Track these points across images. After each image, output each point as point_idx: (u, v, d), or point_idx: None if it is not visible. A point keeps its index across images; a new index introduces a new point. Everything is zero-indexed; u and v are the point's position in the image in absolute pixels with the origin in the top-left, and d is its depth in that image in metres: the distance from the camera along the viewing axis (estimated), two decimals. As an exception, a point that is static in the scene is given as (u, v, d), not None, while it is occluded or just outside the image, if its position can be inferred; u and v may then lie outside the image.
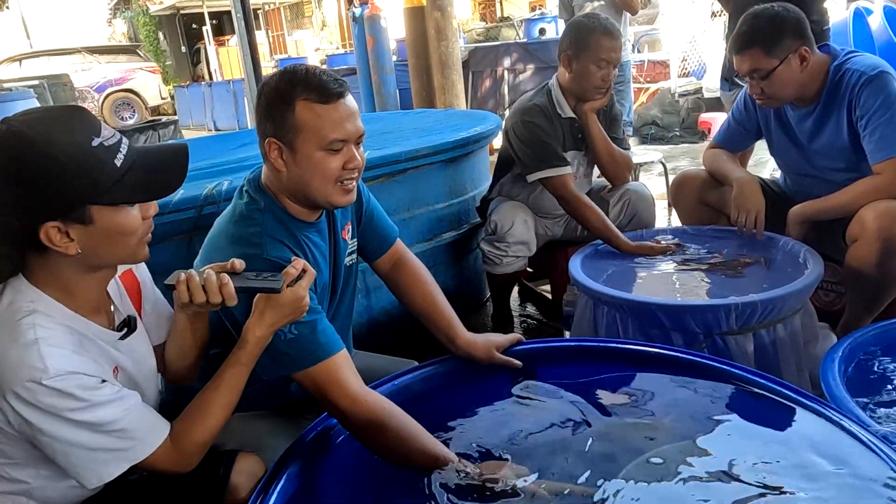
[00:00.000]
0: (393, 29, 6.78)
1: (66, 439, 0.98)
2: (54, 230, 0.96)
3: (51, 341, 0.97)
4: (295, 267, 1.13)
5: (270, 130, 1.22)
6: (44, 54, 13.62)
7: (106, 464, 1.02)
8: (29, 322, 0.97)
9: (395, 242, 1.56)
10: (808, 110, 1.98)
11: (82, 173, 0.94)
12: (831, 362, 1.43)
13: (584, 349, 1.53)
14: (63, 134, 0.95)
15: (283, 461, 1.17)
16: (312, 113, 1.19)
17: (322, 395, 1.18)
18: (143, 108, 13.59)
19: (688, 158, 5.71)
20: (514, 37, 10.66)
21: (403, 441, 1.16)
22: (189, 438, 1.08)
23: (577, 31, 2.26)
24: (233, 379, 1.12)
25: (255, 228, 1.24)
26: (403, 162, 2.36)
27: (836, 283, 2.10)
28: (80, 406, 0.97)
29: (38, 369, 0.94)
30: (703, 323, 1.63)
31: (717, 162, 2.22)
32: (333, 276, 1.41)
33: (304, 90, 1.19)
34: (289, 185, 1.26)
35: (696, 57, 7.38)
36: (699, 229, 2.20)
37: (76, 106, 1.05)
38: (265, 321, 1.12)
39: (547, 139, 2.25)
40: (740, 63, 1.94)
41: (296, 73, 1.22)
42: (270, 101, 1.22)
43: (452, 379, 1.48)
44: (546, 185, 2.26)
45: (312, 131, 1.19)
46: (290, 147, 1.21)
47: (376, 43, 6.33)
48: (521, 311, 2.91)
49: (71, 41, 15.48)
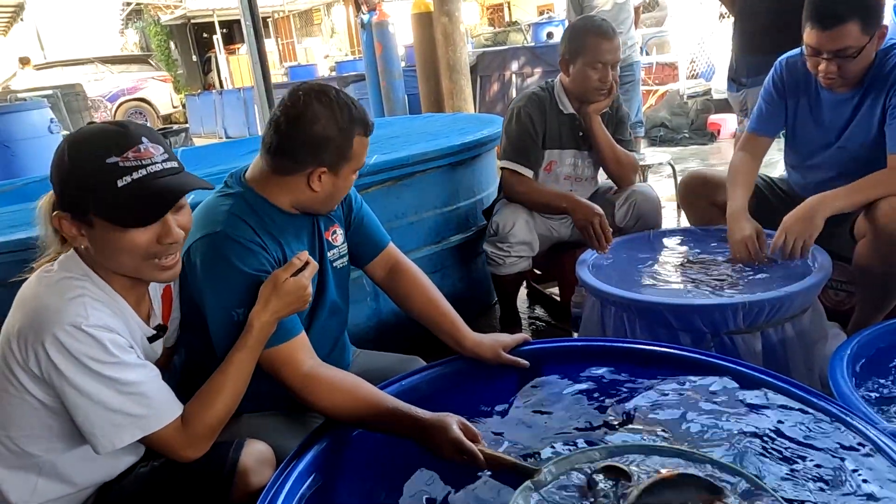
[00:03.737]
0: (401, 35, 6.82)
1: (89, 393, 1.05)
2: (65, 221, 1.08)
3: (95, 300, 1.09)
4: (299, 258, 1.24)
5: (323, 159, 1.30)
6: (57, 65, 13.81)
7: (121, 428, 1.08)
8: (79, 285, 1.09)
9: (388, 247, 1.58)
10: (848, 95, 1.90)
11: (84, 183, 1.05)
12: (840, 360, 1.43)
13: (592, 349, 1.53)
14: (90, 146, 1.07)
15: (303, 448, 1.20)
16: (361, 145, 1.34)
17: (276, 375, 1.25)
18: (155, 116, 13.74)
19: (697, 160, 5.69)
20: (522, 41, 10.67)
21: (358, 406, 1.22)
22: (199, 420, 1.13)
23: (572, 35, 2.28)
24: (240, 363, 1.18)
25: (222, 208, 1.30)
26: (411, 166, 2.38)
27: (846, 283, 2.09)
28: (110, 360, 1.06)
29: (81, 315, 1.05)
30: (711, 322, 1.63)
31: (730, 177, 2.10)
32: (319, 273, 1.42)
33: (359, 126, 1.32)
34: (302, 200, 1.36)
35: (704, 58, 7.37)
36: (707, 229, 2.20)
37: (124, 124, 1.12)
38: (269, 308, 1.19)
39: (529, 134, 2.29)
40: (830, 39, 1.75)
41: (350, 108, 1.31)
42: (329, 134, 1.28)
43: (459, 379, 1.48)
44: (503, 175, 2.35)
45: (357, 159, 1.35)
46: (335, 173, 1.33)
47: (384, 49, 6.37)
48: (530, 313, 2.91)
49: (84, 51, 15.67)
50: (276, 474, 1.13)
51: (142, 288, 1.20)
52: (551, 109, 2.33)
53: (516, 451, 1.22)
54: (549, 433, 1.27)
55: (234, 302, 1.21)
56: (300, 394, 1.24)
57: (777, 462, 1.11)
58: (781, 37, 2.94)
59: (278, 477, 1.13)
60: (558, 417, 1.32)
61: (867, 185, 1.79)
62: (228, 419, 1.18)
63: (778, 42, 2.95)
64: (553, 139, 2.36)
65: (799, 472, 1.08)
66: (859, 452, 1.10)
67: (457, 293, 2.62)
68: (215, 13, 16.44)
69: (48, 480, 1.14)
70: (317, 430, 1.26)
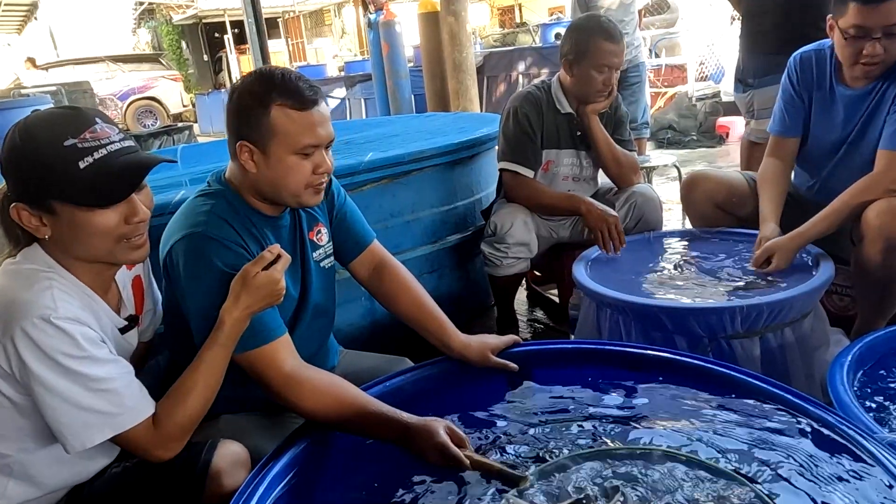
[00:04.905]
0: (409, 35, 6.80)
1: (59, 390, 1.01)
2: (24, 212, 1.04)
3: (63, 292, 1.05)
4: (270, 251, 1.18)
5: (243, 132, 1.24)
6: (69, 63, 13.92)
7: (91, 427, 1.04)
8: (46, 275, 1.06)
9: (372, 245, 1.54)
10: (866, 89, 1.84)
11: (43, 169, 1.01)
12: (840, 367, 1.38)
13: (583, 352, 1.49)
14: (43, 131, 1.03)
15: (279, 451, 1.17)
16: (288, 118, 1.21)
17: (257, 377, 1.21)
18: (165, 115, 13.80)
19: (704, 163, 5.63)
20: (531, 42, 10.64)
21: (342, 409, 1.18)
22: (170, 420, 1.10)
23: (577, 36, 2.23)
24: (212, 360, 1.15)
25: (205, 208, 1.26)
26: (407, 164, 2.34)
27: (849, 287, 2.04)
28: (81, 355, 1.02)
29: (49, 308, 1.01)
30: (708, 326, 1.59)
31: (759, 185, 2.05)
32: (301, 274, 1.40)
33: (279, 95, 1.21)
34: (256, 185, 1.29)
35: (714, 61, 7.30)
36: (709, 231, 2.15)
37: (75, 107, 1.10)
38: (241, 304, 1.14)
39: (526, 134, 2.25)
40: (882, 14, 1.68)
41: (272, 76, 1.23)
42: (244, 104, 1.23)
43: (445, 381, 1.45)
44: (504, 177, 2.30)
45: (287, 136, 1.22)
46: (262, 150, 1.24)
47: (391, 49, 6.36)
48: (530, 315, 2.87)
49: (96, 50, 15.77)
50: (251, 477, 1.10)
51: (108, 277, 1.16)
52: (548, 108, 2.30)
53: (502, 456, 1.18)
54: (536, 438, 1.23)
55: (216, 301, 1.18)
56: (281, 395, 1.20)
57: (770, 472, 1.07)
58: (788, 36, 2.91)
59: (252, 479, 1.09)
60: (546, 422, 1.28)
61: (852, 197, 1.77)
62: (203, 418, 1.15)
63: (785, 41, 2.91)
64: (550, 139, 2.32)
65: (793, 483, 1.04)
66: (857, 464, 1.06)
67: (454, 294, 2.58)
68: (226, 13, 16.51)
69: (19, 483, 1.10)
70: (295, 431, 1.23)
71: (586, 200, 2.17)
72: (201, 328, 1.20)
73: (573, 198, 2.21)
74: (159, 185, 2.12)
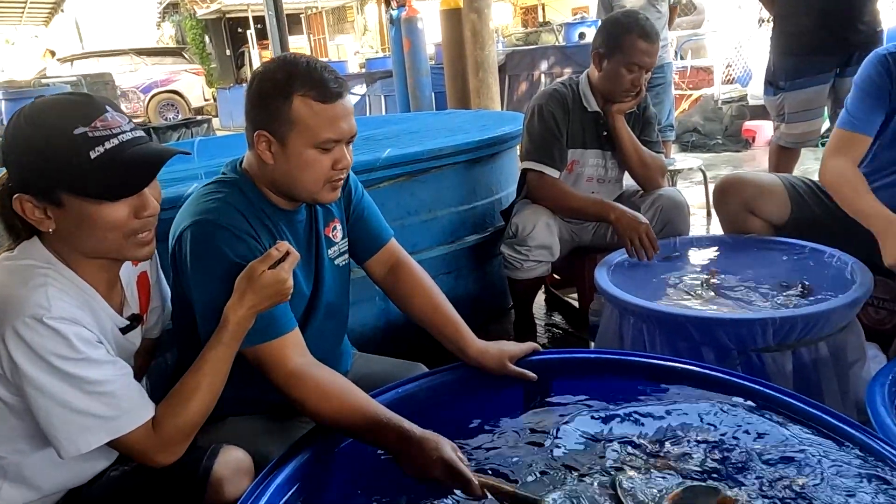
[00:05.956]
0: (431, 33, 6.74)
1: (53, 394, 0.96)
2: (29, 204, 0.99)
3: (59, 290, 0.99)
4: (278, 249, 1.13)
5: (262, 121, 1.19)
6: (93, 55, 14.07)
7: (86, 431, 0.99)
8: (42, 272, 1.01)
9: (389, 243, 1.48)
10: None
11: (53, 158, 0.95)
12: (880, 386, 1.30)
13: (606, 362, 1.42)
14: (52, 118, 0.97)
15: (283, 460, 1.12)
16: (310, 110, 1.16)
17: (264, 372, 1.17)
18: (187, 108, 13.89)
19: (730, 167, 5.52)
20: (554, 41, 10.54)
21: (345, 411, 1.13)
22: (171, 422, 1.05)
23: (611, 29, 2.16)
24: (215, 360, 1.09)
25: (218, 195, 1.21)
26: (426, 161, 2.29)
27: (888, 300, 1.95)
28: (74, 356, 0.97)
29: (42, 307, 0.96)
30: (737, 338, 1.51)
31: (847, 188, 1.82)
32: (315, 271, 1.35)
33: (303, 85, 1.16)
34: (273, 177, 1.24)
35: (741, 63, 7.15)
36: (738, 239, 2.06)
37: (84, 94, 1.05)
38: (245, 303, 1.10)
39: (552, 133, 2.18)
40: None
41: (296, 64, 1.18)
42: (265, 91, 1.18)
43: (460, 389, 1.38)
44: (528, 177, 2.23)
45: (307, 129, 1.17)
46: (280, 141, 1.19)
47: (413, 45, 6.31)
48: (548, 319, 2.80)
49: (121, 43, 15.92)
50: (253, 486, 1.05)
51: (112, 274, 1.11)
52: (574, 107, 2.23)
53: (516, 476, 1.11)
54: (554, 458, 1.16)
55: (223, 293, 1.13)
56: (285, 392, 1.16)
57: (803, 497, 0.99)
58: (824, 38, 2.81)
59: (255, 489, 1.04)
60: (564, 440, 1.20)
61: None
62: (206, 420, 1.10)
63: (820, 43, 2.82)
64: (576, 138, 2.25)
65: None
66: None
67: (471, 296, 2.52)
68: (249, 8, 16.60)
69: (13, 485, 1.06)
70: (302, 439, 1.17)
71: (616, 207, 2.08)
72: (207, 320, 1.15)
73: (602, 204, 2.13)
74: (174, 178, 2.08)
